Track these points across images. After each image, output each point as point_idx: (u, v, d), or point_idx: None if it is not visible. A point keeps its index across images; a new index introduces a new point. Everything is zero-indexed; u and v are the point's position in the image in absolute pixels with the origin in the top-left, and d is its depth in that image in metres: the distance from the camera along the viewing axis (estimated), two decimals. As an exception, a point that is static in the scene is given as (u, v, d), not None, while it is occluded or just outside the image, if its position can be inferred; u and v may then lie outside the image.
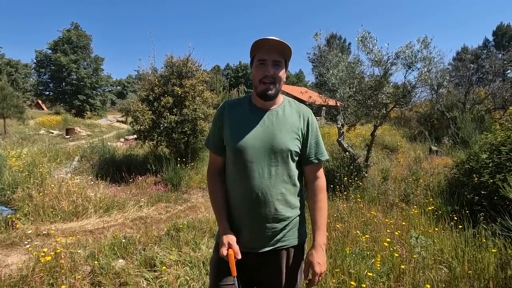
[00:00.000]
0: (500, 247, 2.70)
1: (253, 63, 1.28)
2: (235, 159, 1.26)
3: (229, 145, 1.29)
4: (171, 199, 5.63)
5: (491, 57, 12.19)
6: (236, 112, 1.32)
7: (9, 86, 16.19)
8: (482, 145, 4.22)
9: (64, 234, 3.69)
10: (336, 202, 4.41)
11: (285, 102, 1.34)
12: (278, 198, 1.23)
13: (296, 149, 1.26)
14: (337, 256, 2.68)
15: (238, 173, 1.26)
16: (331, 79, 5.83)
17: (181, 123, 7.27)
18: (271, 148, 1.23)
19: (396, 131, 12.67)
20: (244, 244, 1.25)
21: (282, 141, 1.24)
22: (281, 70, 1.25)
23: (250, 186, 1.22)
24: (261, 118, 1.27)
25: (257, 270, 1.27)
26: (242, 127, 1.27)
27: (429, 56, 5.21)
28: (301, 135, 1.29)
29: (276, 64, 1.23)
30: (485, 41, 41.17)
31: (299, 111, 1.32)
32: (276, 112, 1.29)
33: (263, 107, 1.29)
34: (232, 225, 1.29)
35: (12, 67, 40.90)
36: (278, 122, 1.27)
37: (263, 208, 1.22)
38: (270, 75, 1.22)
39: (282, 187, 1.24)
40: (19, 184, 4.59)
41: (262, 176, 1.22)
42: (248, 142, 1.23)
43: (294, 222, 1.29)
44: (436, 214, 3.68)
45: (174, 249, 3.03)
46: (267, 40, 1.20)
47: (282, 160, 1.24)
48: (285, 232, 1.26)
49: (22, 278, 2.45)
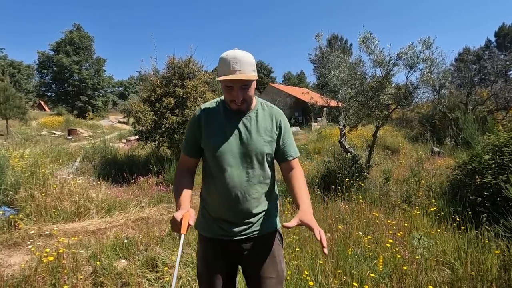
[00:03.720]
0: (503, 249, 2.68)
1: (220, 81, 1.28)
2: (214, 163, 1.34)
3: (208, 150, 1.36)
4: (173, 199, 5.63)
5: (493, 58, 12.12)
6: (212, 117, 1.38)
7: (11, 87, 16.29)
8: (485, 146, 4.20)
9: (66, 234, 3.70)
10: (338, 203, 4.40)
11: (258, 106, 1.40)
12: (255, 196, 1.34)
13: (270, 151, 1.36)
14: (339, 257, 2.67)
15: (217, 175, 1.34)
16: (333, 80, 5.83)
17: (183, 124, 7.29)
18: (247, 152, 1.32)
19: (398, 132, 12.65)
20: (225, 232, 1.36)
21: (257, 145, 1.32)
22: (250, 88, 1.28)
23: (230, 187, 1.31)
24: (237, 123, 1.34)
25: (239, 255, 1.39)
26: (219, 131, 1.34)
27: (431, 57, 5.20)
28: (274, 137, 1.38)
29: (244, 88, 1.26)
30: (487, 42, 41.10)
31: (271, 114, 1.40)
32: (250, 117, 1.36)
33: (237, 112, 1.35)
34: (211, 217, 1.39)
35: (14, 68, 41.07)
36: (252, 127, 1.34)
37: (241, 206, 1.32)
38: (239, 100, 1.26)
39: (259, 186, 1.35)
40: (22, 185, 4.60)
41: (240, 178, 1.31)
42: (226, 148, 1.31)
43: (268, 212, 1.40)
44: (439, 215, 3.67)
45: (176, 249, 3.03)
46: (231, 81, 1.22)
47: (258, 162, 1.34)
48: (261, 221, 1.38)
49: (24, 278, 2.46)
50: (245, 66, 1.21)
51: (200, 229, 1.44)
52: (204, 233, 1.42)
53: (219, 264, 1.38)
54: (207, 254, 1.41)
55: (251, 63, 1.25)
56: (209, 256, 1.40)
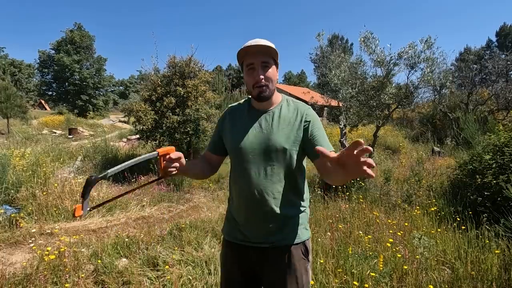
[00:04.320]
0: (503, 248, 2.69)
1: (243, 69, 1.31)
2: (235, 160, 1.33)
3: (229, 148, 1.35)
4: (174, 199, 5.65)
5: (494, 57, 12.10)
6: (236, 116, 1.38)
7: (12, 86, 16.32)
8: (485, 146, 4.20)
9: (68, 233, 3.71)
10: (339, 202, 4.40)
11: (283, 102, 1.36)
12: (275, 197, 1.25)
13: (293, 148, 1.27)
14: (340, 257, 2.68)
15: (237, 173, 1.32)
16: (334, 79, 5.83)
17: (184, 123, 7.30)
18: (266, 148, 1.26)
19: (399, 132, 12.65)
20: (246, 238, 1.30)
21: (278, 141, 1.25)
22: (271, 69, 1.27)
23: (247, 185, 1.26)
24: (258, 119, 1.31)
25: (258, 265, 1.30)
26: (240, 129, 1.32)
27: (432, 57, 5.20)
28: (299, 133, 1.28)
29: (265, 66, 1.26)
30: (488, 42, 41.06)
31: (296, 108, 1.33)
32: (273, 112, 1.32)
33: (260, 109, 1.34)
34: (234, 221, 1.35)
35: (15, 67, 41.19)
36: (274, 122, 1.29)
37: (260, 206, 1.25)
38: (261, 79, 1.24)
39: (279, 186, 1.26)
40: (23, 184, 4.62)
41: (258, 176, 1.25)
42: (245, 144, 1.28)
43: (294, 220, 1.30)
44: (439, 215, 3.67)
45: (176, 248, 3.04)
46: (251, 46, 1.24)
47: (278, 159, 1.26)
48: (285, 231, 1.27)
49: (26, 276, 2.47)
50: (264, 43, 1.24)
51: (224, 233, 1.41)
52: (226, 236, 1.39)
53: (235, 270, 1.34)
54: (225, 259, 1.38)
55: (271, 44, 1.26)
56: (227, 261, 1.37)
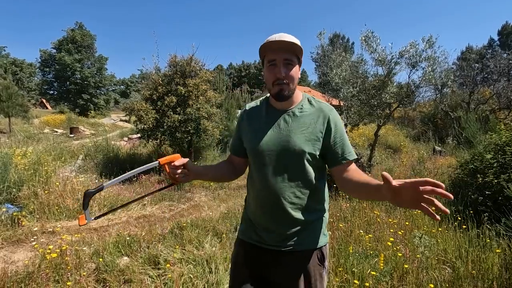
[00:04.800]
0: (504, 248, 2.69)
1: (264, 64, 1.22)
2: (253, 162, 1.28)
3: (247, 149, 1.30)
4: (175, 197, 5.66)
5: (496, 56, 12.07)
6: (254, 115, 1.32)
7: (14, 85, 16.35)
8: (487, 145, 4.19)
9: (69, 231, 3.73)
10: (339, 201, 4.41)
11: (304, 101, 1.27)
12: (293, 201, 1.20)
13: (312, 151, 1.19)
14: (340, 255, 2.68)
15: (256, 175, 1.26)
16: (335, 78, 5.82)
17: (185, 122, 7.30)
18: (285, 150, 1.19)
19: (400, 131, 12.62)
20: (261, 240, 1.26)
21: (296, 143, 1.18)
22: (294, 68, 1.18)
23: (264, 188, 1.22)
24: (277, 120, 1.24)
25: (271, 268, 1.25)
26: (258, 130, 1.26)
27: (434, 56, 5.19)
28: (320, 135, 1.20)
29: (287, 63, 1.17)
30: (490, 41, 40.89)
31: (319, 109, 1.24)
32: (292, 112, 1.24)
33: (279, 108, 1.26)
34: (250, 221, 1.32)
35: (17, 67, 41.31)
36: (294, 124, 1.21)
37: (276, 210, 1.20)
38: (282, 77, 1.16)
39: (297, 190, 1.20)
40: (25, 182, 4.63)
41: (275, 179, 1.20)
42: (262, 145, 1.22)
43: (312, 226, 1.24)
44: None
45: (177, 247, 3.05)
46: (274, 42, 1.16)
47: (296, 162, 1.19)
48: (302, 235, 1.22)
49: (28, 274, 2.49)
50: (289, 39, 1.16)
51: (239, 231, 1.38)
52: (241, 235, 1.35)
53: (246, 273, 1.29)
54: (237, 259, 1.34)
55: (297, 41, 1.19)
56: (238, 262, 1.34)
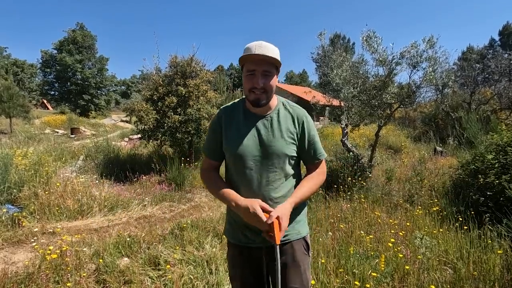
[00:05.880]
0: (506, 249, 2.67)
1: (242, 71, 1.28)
2: (235, 165, 1.31)
3: (227, 152, 1.33)
4: (175, 198, 5.66)
5: (497, 57, 12.04)
6: (231, 119, 1.34)
7: (15, 86, 16.40)
8: (488, 146, 4.18)
9: (70, 232, 3.72)
10: (340, 202, 4.39)
11: (280, 106, 1.34)
12: (277, 201, 1.26)
13: (292, 153, 1.29)
14: (341, 256, 2.67)
15: (238, 178, 1.30)
16: (335, 79, 5.81)
17: (185, 123, 7.30)
18: (267, 155, 1.26)
19: (401, 131, 12.60)
20: (249, 240, 1.31)
21: (278, 147, 1.26)
22: (272, 78, 1.24)
23: (251, 191, 1.25)
24: (256, 124, 1.29)
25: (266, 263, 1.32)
26: (238, 134, 1.30)
27: (434, 56, 5.16)
28: (297, 138, 1.31)
29: (266, 74, 1.22)
30: (491, 41, 40.83)
31: (294, 114, 1.33)
32: (270, 117, 1.30)
33: (257, 113, 1.31)
34: (236, 223, 1.34)
35: (18, 67, 41.35)
36: (273, 128, 1.28)
37: None
38: (259, 87, 1.21)
39: (280, 191, 1.27)
40: (25, 183, 4.63)
41: (261, 182, 1.25)
42: (245, 150, 1.26)
43: (296, 218, 1.33)
44: (441, 215, 3.66)
45: (178, 248, 3.04)
46: (252, 56, 1.20)
47: (279, 165, 1.27)
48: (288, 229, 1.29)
49: (28, 275, 2.48)
50: (269, 52, 1.20)
51: (227, 235, 1.41)
52: (230, 239, 1.39)
53: (247, 272, 1.35)
54: (234, 261, 1.39)
55: (276, 53, 1.23)
56: (236, 264, 1.38)
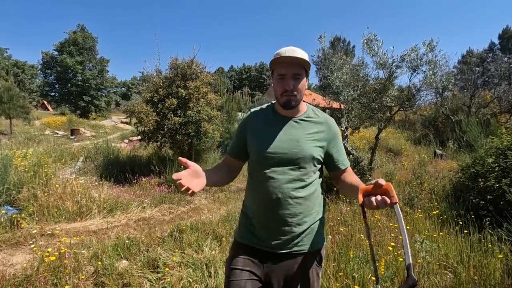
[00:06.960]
0: (506, 253, 2.67)
1: (273, 75, 1.30)
2: (259, 166, 1.30)
3: (254, 152, 1.33)
4: (175, 200, 5.64)
5: (497, 60, 12.10)
6: (260, 121, 1.37)
7: (15, 87, 16.39)
8: (488, 149, 4.17)
9: (68, 234, 3.71)
10: (340, 205, 4.38)
11: (309, 111, 1.37)
12: (298, 202, 1.26)
13: (318, 156, 1.30)
14: (341, 260, 2.66)
15: (261, 178, 1.29)
16: (335, 81, 5.82)
17: (185, 125, 7.30)
18: (294, 155, 1.26)
19: (401, 134, 12.61)
20: (263, 243, 1.29)
21: (305, 148, 1.27)
22: (301, 81, 1.27)
23: (270, 190, 1.25)
24: (285, 125, 1.31)
25: (272, 270, 1.28)
26: (266, 135, 1.31)
27: (435, 59, 5.18)
28: (325, 144, 1.32)
29: (296, 78, 1.25)
30: (491, 45, 40.93)
31: (324, 120, 1.36)
32: (300, 119, 1.33)
33: (286, 115, 1.33)
34: (251, 225, 1.33)
35: (19, 68, 41.41)
36: (302, 130, 1.30)
37: (281, 210, 1.24)
38: (290, 89, 1.24)
39: (302, 193, 1.26)
40: (24, 184, 4.63)
41: (283, 182, 1.25)
42: (272, 150, 1.27)
43: (312, 227, 1.30)
44: (441, 219, 3.65)
45: (177, 250, 3.03)
46: (283, 58, 1.23)
47: (304, 167, 1.27)
48: (302, 237, 1.28)
49: (26, 277, 2.47)
50: (298, 54, 1.24)
51: (238, 236, 1.38)
52: (240, 239, 1.35)
53: (245, 275, 1.28)
54: (236, 263, 1.32)
55: (305, 56, 1.26)
56: (236, 266, 1.31)
